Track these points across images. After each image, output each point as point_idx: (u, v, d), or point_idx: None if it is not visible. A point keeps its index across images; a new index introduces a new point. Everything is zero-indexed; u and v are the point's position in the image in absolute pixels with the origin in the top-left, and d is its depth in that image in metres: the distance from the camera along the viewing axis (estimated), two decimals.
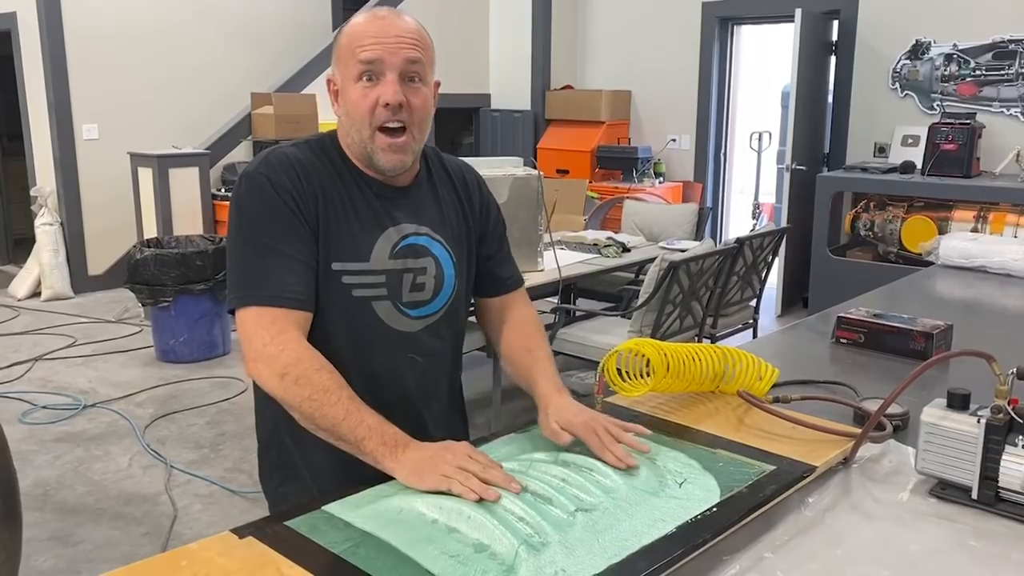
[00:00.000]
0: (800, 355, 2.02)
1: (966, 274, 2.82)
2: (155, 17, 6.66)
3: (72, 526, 3.11)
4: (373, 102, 1.33)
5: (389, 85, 1.33)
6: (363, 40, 1.34)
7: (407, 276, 1.43)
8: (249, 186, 1.35)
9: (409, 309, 1.44)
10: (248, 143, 6.48)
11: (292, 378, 1.26)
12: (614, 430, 1.30)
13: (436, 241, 1.47)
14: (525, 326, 1.58)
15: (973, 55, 5.50)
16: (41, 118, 6.43)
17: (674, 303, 3.65)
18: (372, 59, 1.32)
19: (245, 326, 1.31)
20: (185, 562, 1.01)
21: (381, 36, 1.33)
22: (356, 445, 1.22)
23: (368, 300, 1.40)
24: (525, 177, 3.69)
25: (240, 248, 1.35)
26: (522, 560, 1.00)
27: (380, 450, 1.20)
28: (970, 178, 5.18)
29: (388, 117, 1.34)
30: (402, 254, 1.42)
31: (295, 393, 1.26)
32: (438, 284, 1.47)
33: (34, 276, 6.41)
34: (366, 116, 1.35)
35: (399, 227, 1.43)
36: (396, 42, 1.33)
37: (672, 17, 6.84)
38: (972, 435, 1.19)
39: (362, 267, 1.39)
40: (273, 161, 1.37)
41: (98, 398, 4.37)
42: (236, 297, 1.33)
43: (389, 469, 1.20)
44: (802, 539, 1.13)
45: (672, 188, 6.69)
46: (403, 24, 1.36)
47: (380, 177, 1.43)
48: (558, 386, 1.42)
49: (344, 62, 1.36)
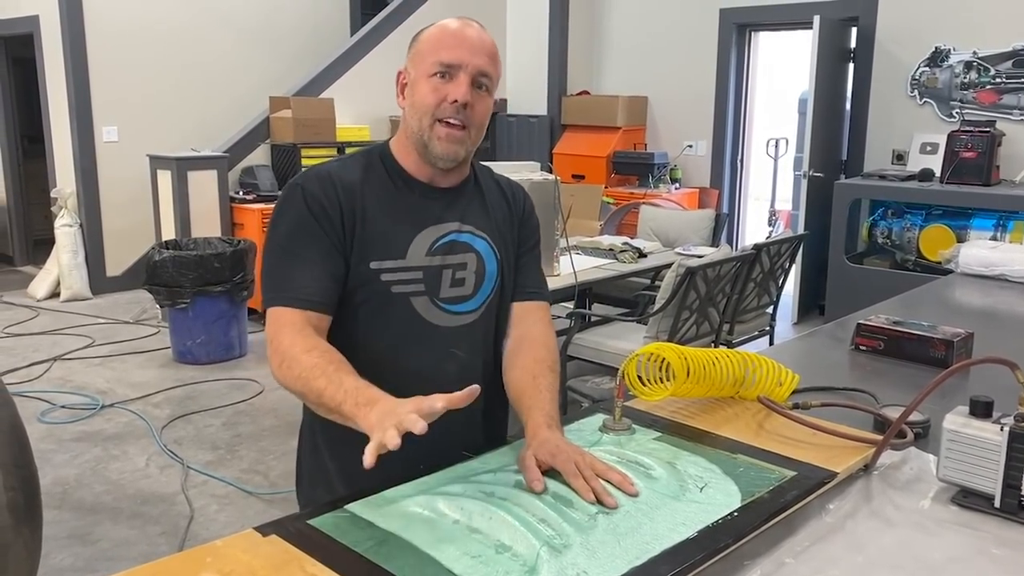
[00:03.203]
0: (819, 362, 2.01)
1: (986, 282, 2.80)
2: (175, 21, 6.72)
3: (90, 525, 3.14)
4: (441, 97, 1.40)
5: (461, 85, 1.39)
6: (445, 44, 1.41)
7: (446, 272, 1.46)
8: (286, 195, 1.44)
9: (448, 304, 1.47)
10: (266, 146, 6.52)
11: (287, 363, 1.31)
12: (599, 467, 1.22)
13: (480, 238, 1.50)
14: (538, 350, 1.50)
15: (993, 63, 5.47)
16: (62, 120, 6.50)
17: (691, 309, 3.64)
18: (451, 62, 1.39)
19: (271, 325, 1.38)
20: (210, 559, 1.01)
21: (463, 42, 1.41)
22: (338, 410, 1.22)
23: (407, 296, 1.44)
24: (542, 182, 3.70)
25: (268, 253, 1.43)
26: (544, 561, 1.00)
27: (354, 411, 1.20)
28: (989, 186, 5.14)
29: (452, 113, 1.40)
30: (441, 250, 1.46)
31: (287, 375, 1.30)
32: (479, 280, 1.50)
33: (53, 277, 6.47)
34: (431, 107, 1.40)
35: (440, 225, 1.47)
36: (475, 49, 1.41)
37: (690, 23, 6.83)
38: (995, 443, 1.19)
39: (398, 264, 1.43)
40: (312, 174, 1.45)
41: (116, 398, 4.40)
42: (265, 299, 1.41)
43: (360, 427, 1.17)
44: (823, 545, 1.12)
45: (688, 194, 6.68)
46: (484, 37, 1.44)
47: (427, 179, 1.48)
48: (551, 421, 1.33)
49: (422, 59, 1.42)
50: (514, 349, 1.53)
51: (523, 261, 1.60)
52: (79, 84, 6.29)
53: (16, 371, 4.78)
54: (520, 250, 1.60)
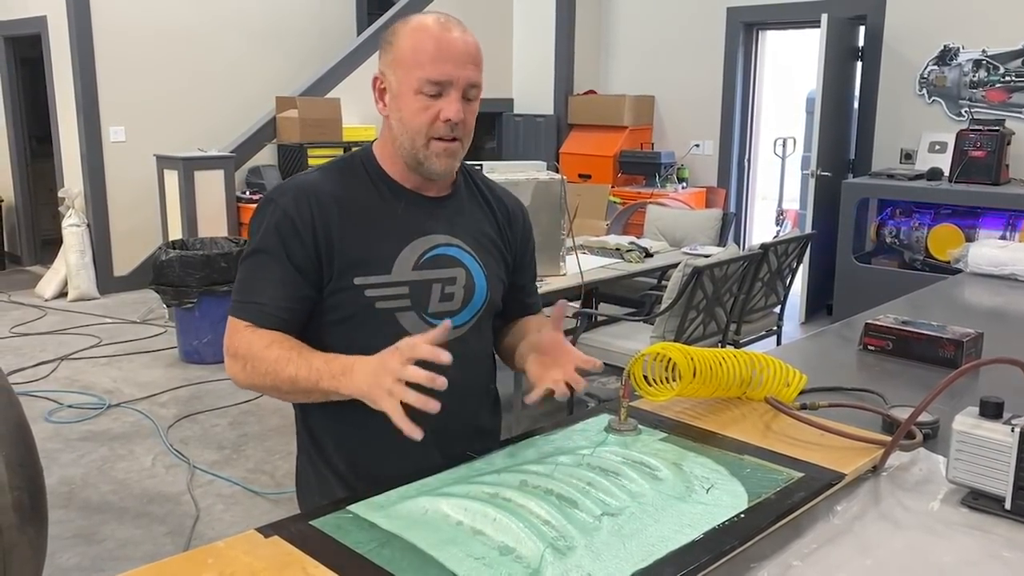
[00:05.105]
0: (826, 362, 2.00)
1: (995, 282, 2.78)
2: (181, 21, 6.73)
3: (96, 524, 3.14)
4: (434, 116, 1.36)
5: (453, 103, 1.35)
6: (430, 56, 1.34)
7: (435, 287, 1.43)
8: (260, 207, 1.44)
9: (436, 320, 1.42)
10: (273, 146, 6.53)
11: (250, 364, 1.34)
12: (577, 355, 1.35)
13: (467, 252, 1.48)
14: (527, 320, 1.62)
15: (1002, 61, 5.44)
16: (69, 120, 6.52)
17: (698, 308, 3.63)
18: (440, 79, 1.34)
19: (227, 335, 1.41)
20: (211, 560, 1.01)
21: (448, 54, 1.34)
22: (316, 388, 1.28)
23: (392, 312, 1.41)
24: (548, 181, 3.69)
25: (241, 260, 1.45)
26: (548, 563, 0.99)
27: (333, 383, 1.26)
28: (999, 185, 5.11)
29: (446, 132, 1.37)
30: (428, 265, 1.43)
31: (253, 375, 1.34)
32: (468, 294, 1.47)
33: (61, 277, 6.49)
34: (424, 127, 1.37)
35: (428, 237, 1.44)
36: (462, 62, 1.35)
37: (697, 22, 6.81)
38: (1006, 444, 1.17)
39: (383, 279, 1.40)
40: (288, 187, 1.44)
41: (122, 398, 4.41)
42: (231, 305, 1.44)
43: (349, 393, 1.25)
44: (831, 548, 1.11)
45: (695, 193, 6.66)
46: (467, 42, 1.37)
47: (414, 187, 1.45)
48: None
49: (404, 69, 1.36)
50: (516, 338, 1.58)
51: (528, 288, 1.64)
52: (86, 84, 6.31)
53: (23, 370, 4.79)
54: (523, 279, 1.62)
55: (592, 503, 1.13)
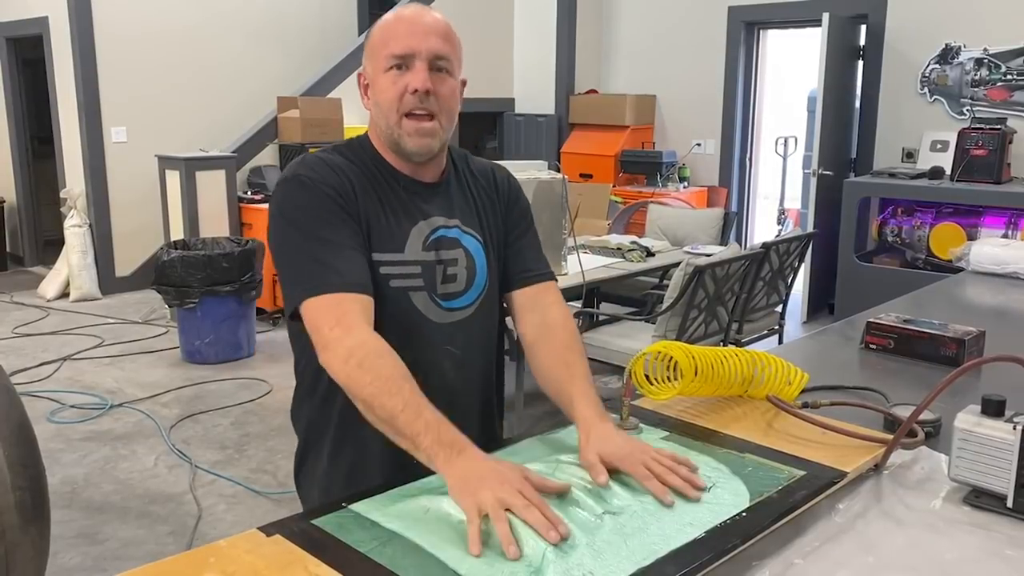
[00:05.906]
0: (828, 361, 1.99)
1: (997, 280, 2.78)
2: (183, 21, 6.74)
3: (98, 524, 3.14)
4: (402, 89, 1.36)
5: (418, 72, 1.36)
6: (394, 34, 1.38)
7: (439, 267, 1.44)
8: (289, 188, 1.37)
9: (444, 301, 1.44)
10: (274, 147, 6.53)
11: (356, 361, 1.24)
12: (666, 462, 1.20)
13: (466, 233, 1.48)
14: (562, 335, 1.47)
15: (1004, 59, 5.43)
16: (71, 121, 6.52)
17: (699, 308, 3.63)
18: (403, 52, 1.36)
19: (309, 318, 1.30)
20: (213, 559, 1.01)
21: (411, 29, 1.37)
22: (412, 440, 1.17)
23: (405, 291, 1.41)
24: (549, 181, 3.69)
25: (292, 248, 1.35)
26: (549, 562, 0.99)
27: (434, 448, 1.14)
28: (1001, 184, 5.11)
29: (416, 104, 1.36)
30: (434, 246, 1.44)
31: (357, 378, 1.23)
32: (470, 276, 1.47)
33: (63, 277, 6.49)
34: (394, 102, 1.37)
35: (429, 220, 1.45)
36: (425, 34, 1.37)
37: (698, 21, 6.81)
38: (1008, 442, 1.17)
39: (398, 258, 1.40)
40: (309, 162, 1.40)
41: (125, 398, 4.41)
42: (295, 296, 1.32)
43: (440, 472, 1.14)
44: (832, 546, 1.11)
45: (697, 193, 6.66)
46: (432, 18, 1.40)
47: (409, 172, 1.45)
48: (600, 412, 1.32)
49: (375, 56, 1.40)
50: (536, 337, 1.49)
51: (519, 246, 1.56)
52: (88, 85, 6.31)
53: (26, 371, 4.79)
54: (511, 237, 1.55)
55: (593, 501, 1.13)
